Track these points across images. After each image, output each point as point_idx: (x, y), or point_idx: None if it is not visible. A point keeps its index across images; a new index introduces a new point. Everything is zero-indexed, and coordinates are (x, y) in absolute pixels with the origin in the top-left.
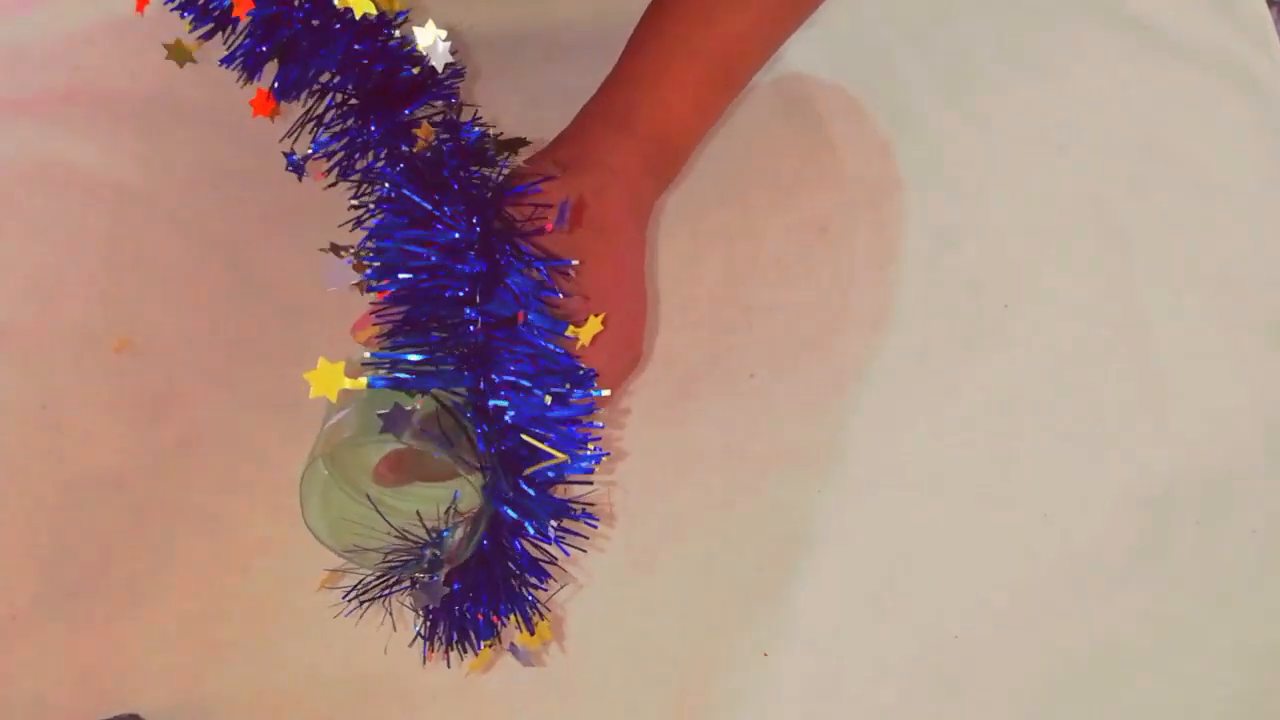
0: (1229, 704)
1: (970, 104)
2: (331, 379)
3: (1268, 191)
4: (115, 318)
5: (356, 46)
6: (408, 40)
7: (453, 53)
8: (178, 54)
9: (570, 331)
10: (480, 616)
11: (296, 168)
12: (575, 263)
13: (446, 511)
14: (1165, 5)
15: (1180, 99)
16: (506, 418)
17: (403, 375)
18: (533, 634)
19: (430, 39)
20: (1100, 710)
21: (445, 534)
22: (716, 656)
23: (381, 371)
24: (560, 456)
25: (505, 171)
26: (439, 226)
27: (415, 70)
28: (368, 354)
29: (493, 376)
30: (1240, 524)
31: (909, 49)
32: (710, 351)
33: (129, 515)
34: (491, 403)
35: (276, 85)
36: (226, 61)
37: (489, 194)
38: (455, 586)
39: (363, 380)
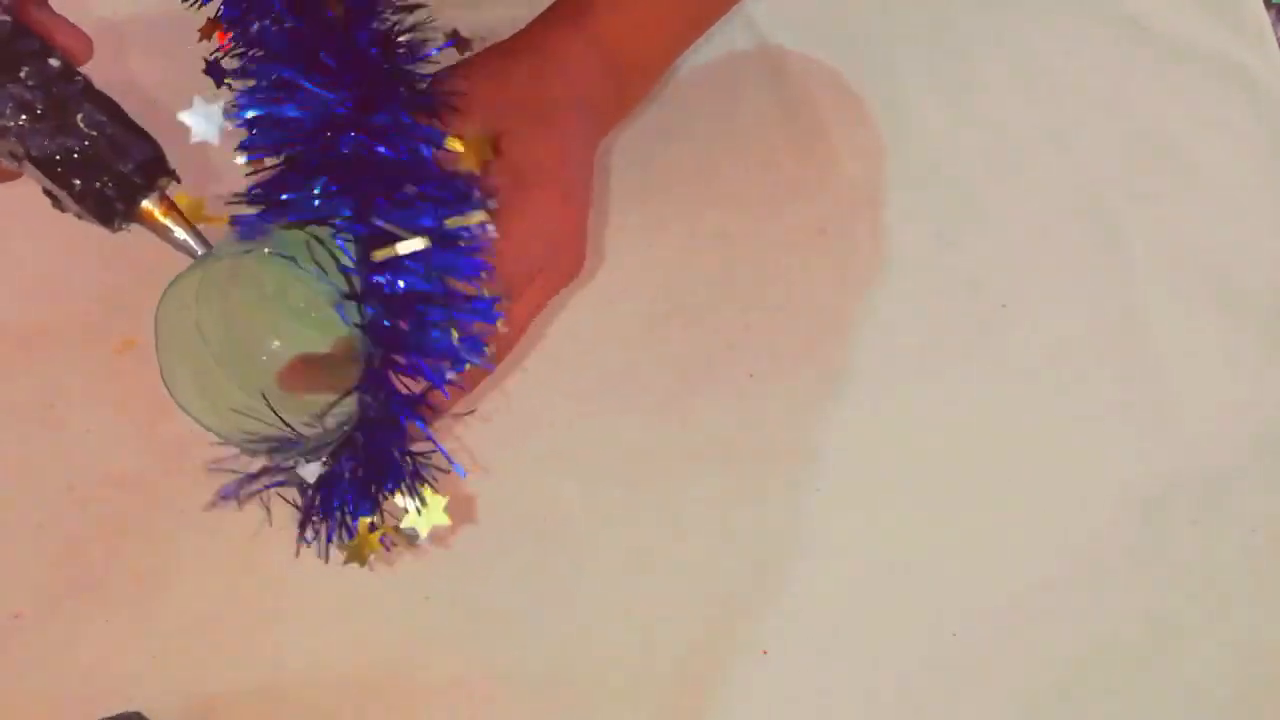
0: (1227, 703)
1: (970, 104)
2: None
3: (1267, 191)
4: (118, 317)
5: None
6: None
7: None
8: None
9: (451, 145)
10: (360, 493)
11: (212, 70)
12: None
13: (332, 405)
14: (1164, 5)
15: (1179, 99)
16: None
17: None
18: (421, 508)
19: None
20: (1099, 709)
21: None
22: (716, 656)
23: (248, 209)
24: (419, 242)
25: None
26: (312, 87)
27: None
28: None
29: (373, 201)
30: (1239, 524)
31: (909, 49)
32: (709, 351)
33: (132, 515)
34: (366, 225)
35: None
36: None
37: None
38: (336, 466)
39: (223, 217)
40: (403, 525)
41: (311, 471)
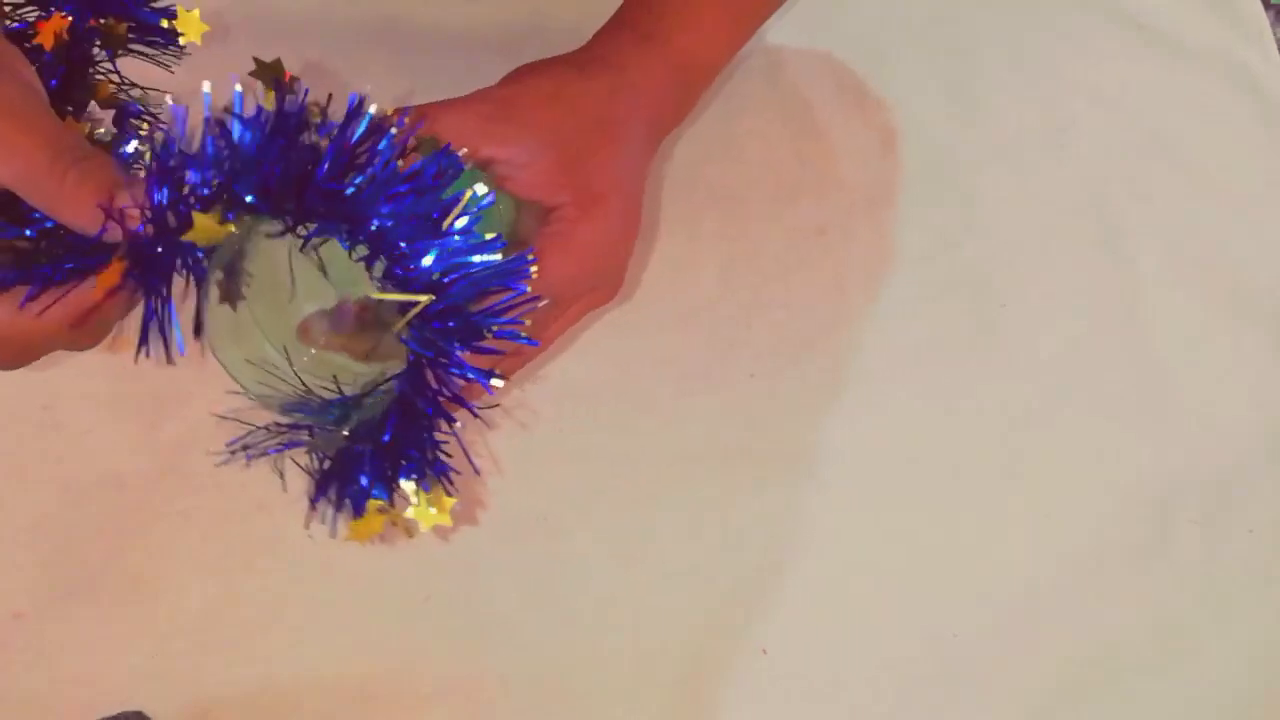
0: (1228, 704)
1: (970, 104)
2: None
3: (1267, 190)
4: None
5: None
6: None
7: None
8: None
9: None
10: (376, 476)
11: None
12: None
13: (368, 386)
14: (1164, 4)
15: (1180, 98)
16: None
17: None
18: (430, 504)
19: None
20: (1100, 710)
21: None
22: (716, 656)
23: None
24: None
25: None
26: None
27: None
28: None
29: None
30: (1240, 524)
31: (909, 49)
32: (709, 352)
33: (130, 515)
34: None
35: None
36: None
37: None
38: (355, 445)
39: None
40: (407, 514)
41: (334, 444)
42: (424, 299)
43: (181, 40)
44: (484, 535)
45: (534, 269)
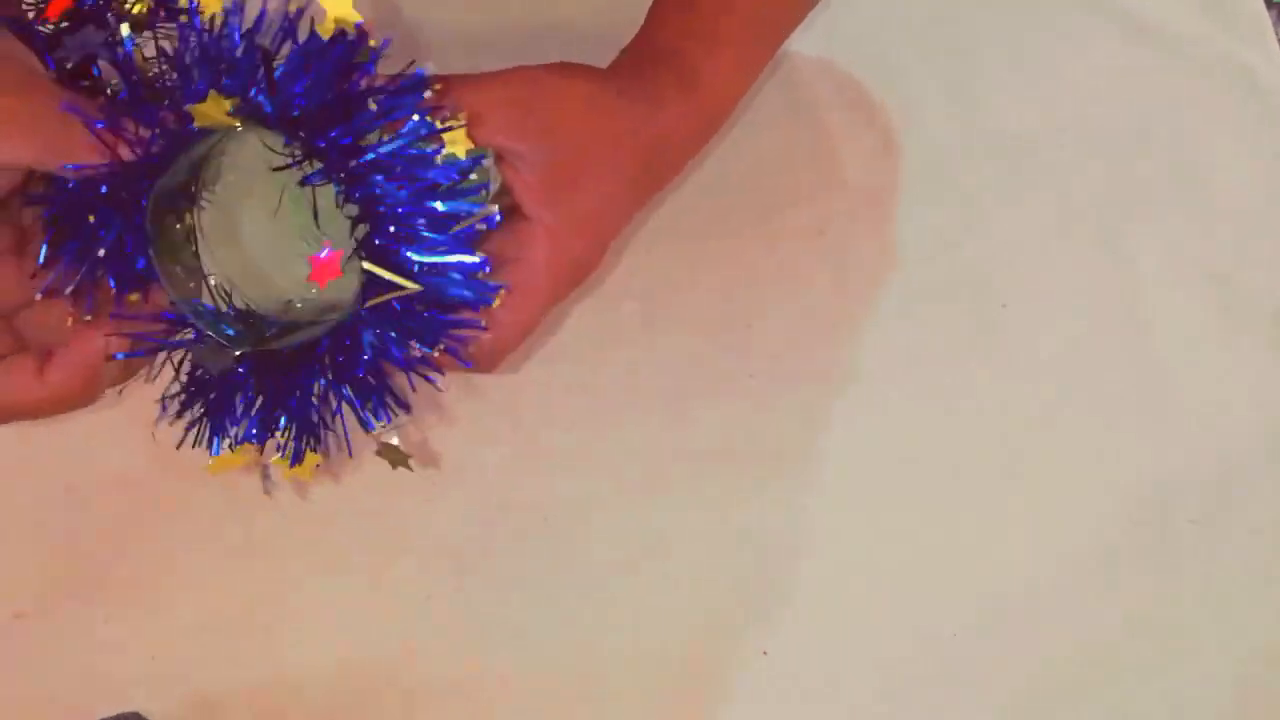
0: (1228, 704)
1: (970, 104)
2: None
3: (1267, 190)
4: None
5: None
6: None
7: None
8: None
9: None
10: (262, 419)
11: None
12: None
13: (278, 307)
14: (1165, 4)
15: (1180, 98)
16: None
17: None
18: (296, 465)
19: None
20: (1100, 710)
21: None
22: (716, 656)
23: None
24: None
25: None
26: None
27: None
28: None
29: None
30: (1240, 524)
31: (909, 49)
32: (710, 352)
33: (131, 515)
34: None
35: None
36: None
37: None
38: (243, 368)
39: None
40: (271, 461)
41: (219, 363)
42: (412, 287)
43: (203, 18)
44: (484, 535)
45: (498, 300)
